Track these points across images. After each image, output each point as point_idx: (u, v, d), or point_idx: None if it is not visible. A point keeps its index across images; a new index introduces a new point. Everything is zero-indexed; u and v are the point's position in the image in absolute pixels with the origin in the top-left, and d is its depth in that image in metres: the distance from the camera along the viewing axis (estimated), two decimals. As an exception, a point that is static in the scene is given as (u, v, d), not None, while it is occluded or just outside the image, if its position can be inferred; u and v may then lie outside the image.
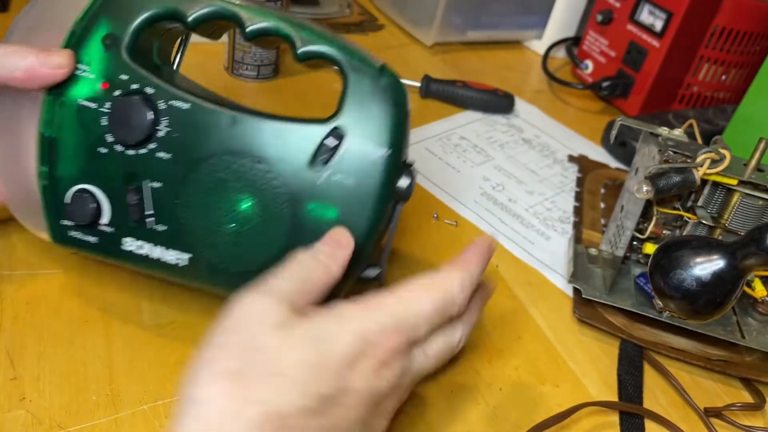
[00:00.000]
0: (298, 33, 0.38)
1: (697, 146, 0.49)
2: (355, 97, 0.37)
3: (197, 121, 0.37)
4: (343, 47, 0.38)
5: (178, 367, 0.41)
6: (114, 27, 0.38)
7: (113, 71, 0.38)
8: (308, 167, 0.37)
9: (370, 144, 0.37)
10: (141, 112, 0.37)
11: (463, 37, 0.89)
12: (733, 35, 0.75)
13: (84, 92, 0.38)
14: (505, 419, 0.42)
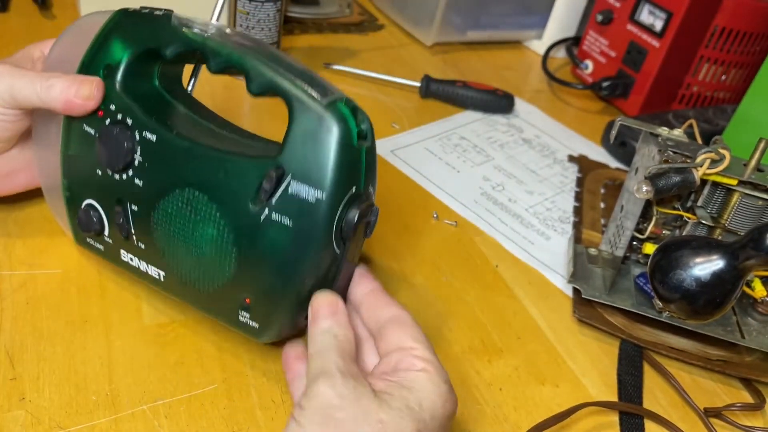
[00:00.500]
0: (254, 67, 0.37)
1: (697, 146, 0.49)
2: (298, 134, 0.36)
3: (163, 153, 0.39)
4: (293, 80, 0.36)
5: (178, 367, 0.41)
6: (111, 58, 0.41)
7: (107, 100, 0.40)
8: (252, 203, 0.37)
9: (307, 186, 0.36)
10: (120, 141, 0.40)
11: (463, 37, 0.89)
12: (733, 35, 0.75)
13: (86, 118, 0.41)
14: (505, 419, 0.42)
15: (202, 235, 0.39)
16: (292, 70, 0.37)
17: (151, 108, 0.40)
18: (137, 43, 0.40)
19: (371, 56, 0.82)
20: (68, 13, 0.75)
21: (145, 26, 0.40)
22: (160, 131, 0.39)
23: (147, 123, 0.39)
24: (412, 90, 0.76)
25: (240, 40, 0.39)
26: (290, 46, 0.80)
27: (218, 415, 0.39)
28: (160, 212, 0.40)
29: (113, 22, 0.41)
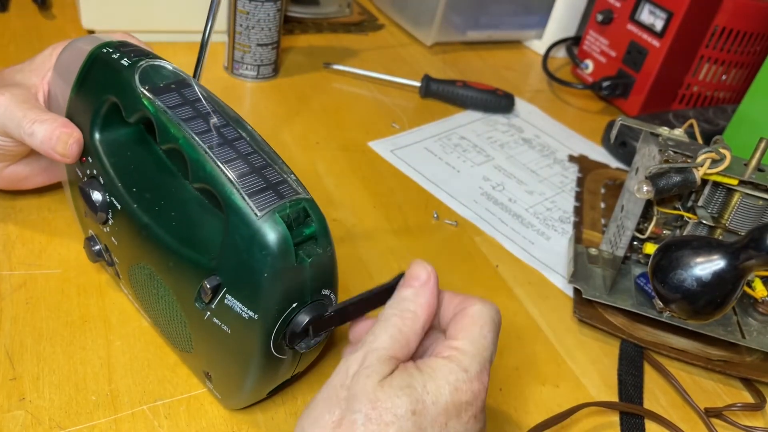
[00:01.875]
0: (196, 158, 0.34)
1: (698, 146, 0.49)
2: (231, 246, 0.33)
3: (127, 223, 0.39)
4: (234, 182, 0.32)
5: (178, 368, 0.41)
6: (90, 101, 0.40)
7: (86, 149, 0.40)
8: (196, 302, 0.35)
9: (240, 303, 0.33)
10: (92, 200, 0.39)
11: (463, 37, 0.89)
12: (733, 35, 0.75)
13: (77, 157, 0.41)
14: (505, 419, 0.42)
15: (164, 309, 0.39)
16: (244, 166, 0.33)
17: (125, 165, 0.39)
18: (105, 95, 0.39)
19: (371, 56, 0.82)
20: (68, 13, 0.75)
21: (112, 78, 0.38)
22: (124, 200, 0.38)
23: (115, 187, 0.39)
24: (412, 90, 0.76)
25: (204, 113, 0.35)
26: (290, 45, 0.80)
27: (218, 415, 0.39)
28: (133, 273, 0.40)
29: (91, 60, 0.39)
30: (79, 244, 0.47)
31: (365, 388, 0.31)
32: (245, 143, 0.35)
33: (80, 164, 0.41)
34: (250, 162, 0.34)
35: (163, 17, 0.72)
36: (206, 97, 0.37)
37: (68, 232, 0.48)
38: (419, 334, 0.34)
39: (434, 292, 0.35)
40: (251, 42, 0.69)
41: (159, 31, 0.73)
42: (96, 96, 0.39)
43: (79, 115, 0.40)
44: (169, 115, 0.35)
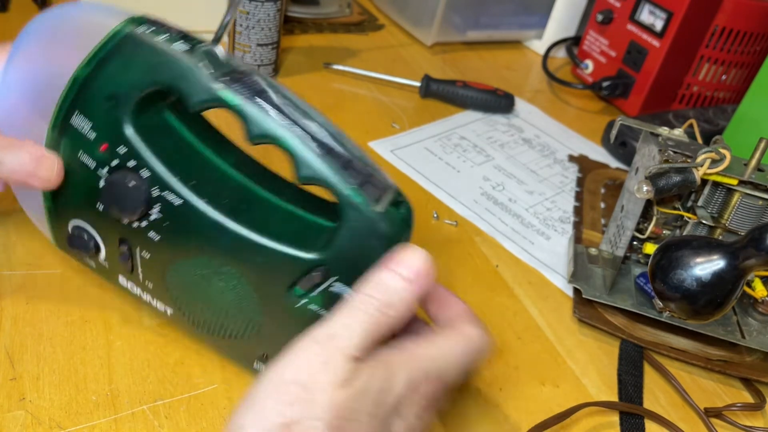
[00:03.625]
0: (304, 156, 0.33)
1: (698, 146, 0.49)
2: (346, 237, 0.33)
3: (188, 219, 0.36)
4: (345, 177, 0.33)
5: (178, 368, 0.41)
6: (119, 86, 0.35)
7: (113, 138, 0.35)
8: (288, 291, 0.35)
9: (350, 288, 0.34)
10: (134, 195, 0.35)
11: (463, 37, 0.89)
12: (733, 35, 0.75)
13: (84, 147, 0.36)
14: (505, 419, 0.42)
15: (226, 301, 0.37)
16: (341, 159, 0.34)
17: (169, 156, 0.36)
18: (152, 82, 0.34)
19: (371, 56, 0.82)
20: (68, 13, 0.75)
21: (164, 63, 0.34)
22: (186, 195, 0.35)
23: (168, 182, 0.35)
24: (412, 90, 0.76)
25: (289, 106, 0.34)
26: (290, 46, 0.80)
27: (218, 415, 0.39)
28: (179, 270, 0.37)
29: (120, 38, 0.34)
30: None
31: (332, 396, 0.28)
32: (328, 135, 0.34)
33: (94, 152, 0.36)
34: (343, 155, 0.34)
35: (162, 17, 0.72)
36: (273, 84, 0.35)
37: (68, 232, 0.48)
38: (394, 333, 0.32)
39: (426, 291, 0.32)
40: (251, 42, 0.69)
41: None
42: (133, 81, 0.34)
43: (95, 99, 0.35)
44: (258, 107, 0.33)
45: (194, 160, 0.38)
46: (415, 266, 0.32)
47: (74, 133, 0.36)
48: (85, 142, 0.36)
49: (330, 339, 0.30)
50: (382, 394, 0.30)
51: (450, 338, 0.34)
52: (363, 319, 0.30)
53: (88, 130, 0.36)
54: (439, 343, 0.34)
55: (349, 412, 0.29)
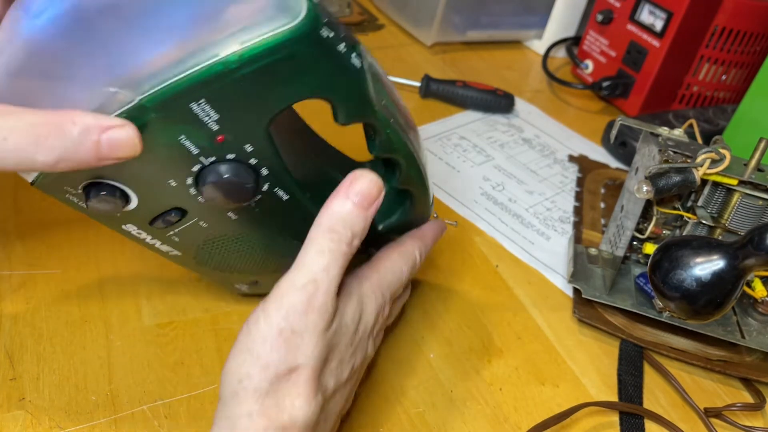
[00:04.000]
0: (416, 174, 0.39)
1: (698, 146, 0.49)
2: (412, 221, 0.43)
3: (283, 210, 0.36)
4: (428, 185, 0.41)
5: (178, 368, 0.41)
6: (275, 91, 0.30)
7: (240, 135, 0.31)
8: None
9: None
10: (246, 191, 0.33)
11: (463, 37, 0.89)
12: (733, 35, 0.75)
13: (192, 135, 0.31)
14: (505, 419, 0.42)
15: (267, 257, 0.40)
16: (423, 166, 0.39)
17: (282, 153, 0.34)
18: (319, 95, 0.31)
19: (371, 56, 0.82)
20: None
21: (337, 75, 0.31)
22: (295, 191, 0.36)
23: (284, 180, 0.35)
24: (412, 90, 0.76)
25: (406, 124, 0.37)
26: (290, 46, 0.80)
27: (218, 416, 0.39)
28: (239, 241, 0.38)
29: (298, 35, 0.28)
30: (79, 244, 0.47)
31: (321, 336, 0.32)
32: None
33: (205, 141, 0.31)
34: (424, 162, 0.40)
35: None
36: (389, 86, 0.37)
37: (68, 232, 0.48)
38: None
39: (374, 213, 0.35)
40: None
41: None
42: (297, 86, 0.30)
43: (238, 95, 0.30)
44: (399, 128, 0.35)
45: (299, 154, 0.40)
46: (370, 193, 0.35)
47: (187, 118, 0.30)
48: (199, 131, 0.31)
49: (314, 285, 0.32)
50: (358, 324, 0.35)
51: (395, 259, 0.40)
52: (335, 258, 0.33)
53: (211, 121, 0.30)
54: (389, 266, 0.39)
55: (340, 344, 0.34)
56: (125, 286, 0.45)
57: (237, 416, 0.31)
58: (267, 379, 0.31)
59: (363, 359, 0.37)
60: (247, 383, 0.31)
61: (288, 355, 0.31)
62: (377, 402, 0.42)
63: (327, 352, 0.33)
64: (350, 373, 0.35)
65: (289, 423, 0.31)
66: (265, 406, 0.31)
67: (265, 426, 0.31)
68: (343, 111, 0.33)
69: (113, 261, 0.47)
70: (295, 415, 0.31)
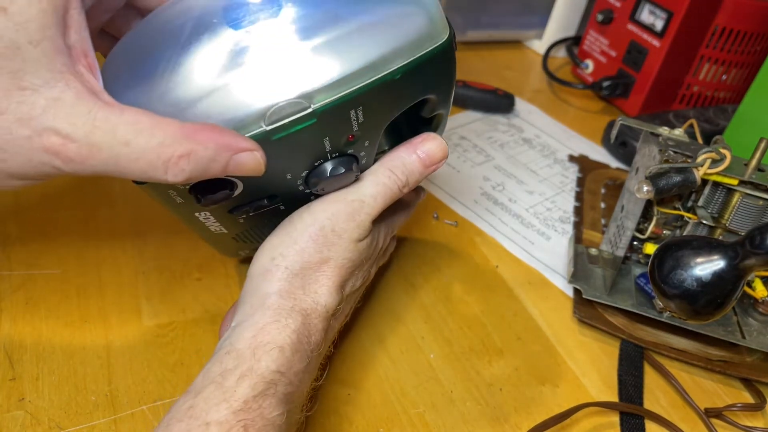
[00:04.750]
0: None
1: (698, 146, 0.49)
2: None
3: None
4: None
5: (178, 368, 0.41)
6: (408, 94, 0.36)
7: (366, 134, 0.35)
8: None
9: None
10: (349, 178, 0.37)
11: (463, 36, 0.89)
12: (733, 35, 0.75)
13: (336, 135, 0.34)
14: (505, 419, 0.42)
15: None
16: None
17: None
18: (431, 90, 0.37)
19: (371, 56, 0.82)
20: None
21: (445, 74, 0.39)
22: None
23: (370, 164, 0.39)
24: (412, 90, 0.76)
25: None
26: (290, 45, 0.80)
27: (218, 416, 0.39)
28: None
29: (442, 48, 0.36)
30: (79, 244, 0.47)
31: (356, 245, 0.37)
32: None
33: (339, 139, 0.34)
34: None
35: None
36: None
37: (68, 232, 0.48)
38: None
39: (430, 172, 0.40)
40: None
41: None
42: (422, 89, 0.36)
43: (386, 99, 0.34)
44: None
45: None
46: (435, 155, 0.39)
47: (338, 120, 0.33)
48: (341, 133, 0.34)
49: (360, 203, 0.37)
50: (376, 247, 0.41)
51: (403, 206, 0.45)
52: (385, 193, 0.38)
53: (355, 123, 0.34)
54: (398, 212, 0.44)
55: (361, 257, 0.38)
56: (125, 286, 0.45)
57: (266, 293, 0.34)
58: (300, 262, 0.35)
59: (365, 280, 0.41)
60: (280, 261, 0.35)
61: (324, 248, 0.36)
62: (377, 402, 0.42)
63: (354, 260, 0.37)
64: (360, 284, 0.40)
65: (311, 308, 0.35)
66: (293, 285, 0.35)
67: (290, 306, 0.34)
68: (435, 106, 0.38)
69: (113, 261, 0.47)
70: (318, 301, 0.35)
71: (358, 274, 0.40)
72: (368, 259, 0.40)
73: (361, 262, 0.39)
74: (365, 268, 0.40)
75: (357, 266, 0.39)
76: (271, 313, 0.34)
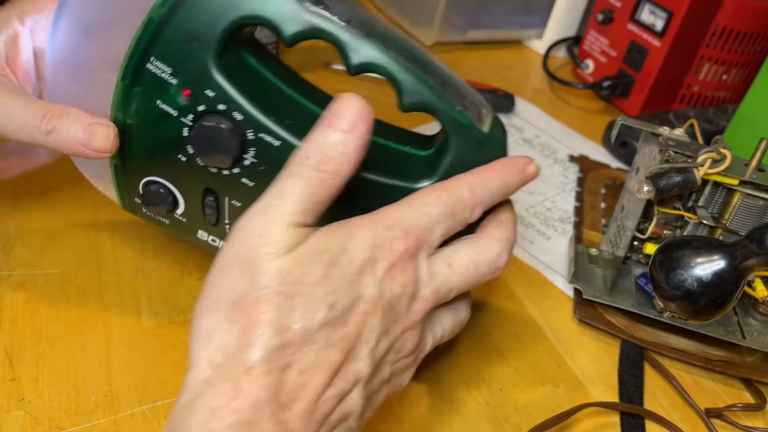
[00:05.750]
0: (409, 83, 0.33)
1: (698, 146, 0.49)
2: (455, 164, 0.35)
3: (279, 159, 0.33)
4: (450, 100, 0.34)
5: (178, 368, 0.41)
6: (200, 25, 0.33)
7: (198, 82, 0.33)
8: None
9: None
10: (227, 141, 0.34)
11: (463, 36, 0.89)
12: (733, 35, 0.75)
13: (164, 95, 0.34)
14: (505, 419, 0.42)
15: None
16: (437, 81, 0.34)
17: (259, 98, 0.34)
18: (241, 16, 0.32)
19: (371, 56, 0.82)
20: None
21: None
22: (284, 135, 0.34)
23: (263, 123, 0.34)
24: (413, 90, 0.76)
25: (385, 34, 0.34)
26: (290, 45, 0.80)
27: (218, 416, 0.39)
28: None
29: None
30: (79, 244, 0.47)
31: (275, 264, 0.28)
32: (419, 56, 0.34)
33: (176, 99, 0.34)
34: (437, 75, 0.34)
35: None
36: (359, 11, 0.35)
37: (68, 232, 0.48)
38: (338, 194, 0.30)
39: (366, 138, 0.30)
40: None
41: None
42: (217, 15, 0.32)
43: (175, 40, 0.33)
44: (354, 34, 0.33)
45: (282, 99, 0.36)
46: (350, 115, 0.31)
47: (151, 80, 0.34)
48: (165, 89, 0.34)
49: (264, 211, 0.29)
50: (338, 255, 0.29)
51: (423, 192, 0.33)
52: (298, 182, 0.29)
53: (168, 75, 0.34)
54: (408, 199, 0.32)
55: (297, 276, 0.28)
56: (125, 286, 0.45)
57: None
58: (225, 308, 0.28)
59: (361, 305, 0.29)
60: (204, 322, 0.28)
61: (236, 285, 0.28)
62: (377, 402, 0.42)
63: (284, 279, 0.28)
64: (326, 316, 0.28)
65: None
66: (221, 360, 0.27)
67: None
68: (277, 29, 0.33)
69: (113, 261, 0.47)
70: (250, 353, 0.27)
71: (313, 299, 0.28)
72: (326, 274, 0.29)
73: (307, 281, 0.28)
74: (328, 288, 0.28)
75: (304, 290, 0.28)
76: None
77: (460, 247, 0.34)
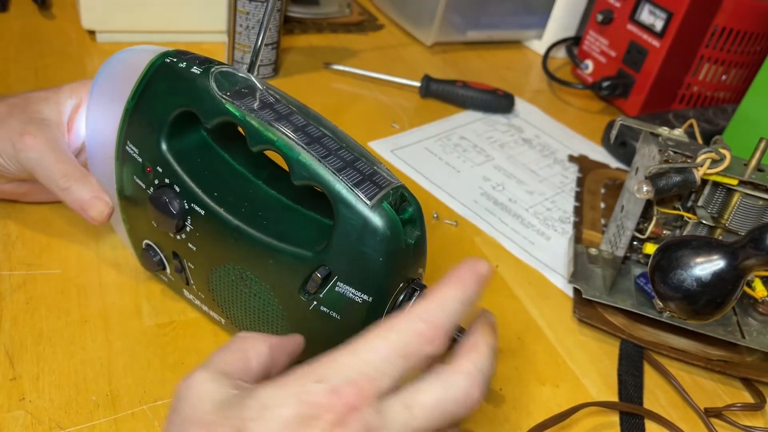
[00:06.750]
0: (297, 157, 0.35)
1: (698, 146, 0.49)
2: (343, 236, 0.34)
3: (212, 227, 0.38)
4: (338, 176, 0.34)
5: (178, 368, 0.41)
6: (154, 112, 0.39)
7: (153, 159, 0.39)
8: (300, 293, 0.36)
9: (353, 288, 0.34)
10: (170, 208, 0.39)
11: (463, 36, 0.89)
12: (733, 35, 0.75)
13: (136, 171, 0.40)
14: (505, 419, 0.42)
15: (255, 306, 0.39)
16: (339, 161, 0.35)
17: (199, 171, 0.39)
18: (176, 104, 0.38)
19: (371, 56, 0.82)
20: (68, 14, 0.75)
21: (183, 86, 0.38)
22: (208, 205, 0.38)
23: (195, 194, 0.38)
24: (412, 90, 0.76)
25: (286, 114, 0.37)
26: (290, 45, 0.80)
27: (218, 416, 0.39)
28: (215, 277, 0.40)
29: (153, 70, 0.39)
30: (79, 244, 0.47)
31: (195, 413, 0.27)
32: (331, 139, 0.36)
33: (143, 175, 0.40)
34: (342, 156, 0.35)
35: (163, 17, 0.72)
36: (281, 97, 0.38)
37: (68, 232, 0.48)
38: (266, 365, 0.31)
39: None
40: (251, 42, 0.69)
41: (159, 32, 0.73)
42: (163, 105, 0.39)
43: (139, 126, 0.40)
44: (257, 118, 0.36)
45: (222, 173, 0.40)
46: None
47: (129, 159, 0.40)
48: (137, 167, 0.40)
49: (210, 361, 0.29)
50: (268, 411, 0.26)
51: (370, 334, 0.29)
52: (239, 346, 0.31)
53: (136, 155, 0.40)
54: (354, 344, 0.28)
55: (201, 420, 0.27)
56: (125, 286, 0.45)
57: None
58: None
59: None
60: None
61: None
62: (377, 402, 0.42)
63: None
64: None
65: None
66: None
67: None
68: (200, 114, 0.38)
69: (113, 261, 0.47)
70: None
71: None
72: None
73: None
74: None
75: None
76: None
77: (423, 384, 0.29)
